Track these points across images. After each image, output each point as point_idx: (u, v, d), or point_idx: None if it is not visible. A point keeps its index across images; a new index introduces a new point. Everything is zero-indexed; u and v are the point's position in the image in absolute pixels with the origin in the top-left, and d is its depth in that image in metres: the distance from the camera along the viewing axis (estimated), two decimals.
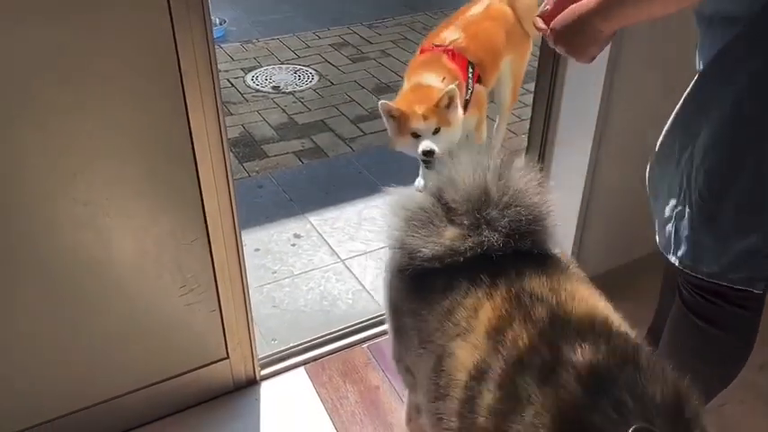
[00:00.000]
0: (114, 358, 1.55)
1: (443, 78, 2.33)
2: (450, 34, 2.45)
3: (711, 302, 1.22)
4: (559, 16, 1.08)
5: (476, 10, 2.60)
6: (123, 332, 1.53)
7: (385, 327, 1.93)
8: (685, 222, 1.12)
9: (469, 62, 2.43)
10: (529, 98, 2.72)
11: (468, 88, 2.43)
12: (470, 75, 2.44)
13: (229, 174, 1.46)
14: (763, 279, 1.09)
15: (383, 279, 1.36)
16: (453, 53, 2.39)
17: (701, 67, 1.10)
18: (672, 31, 1.48)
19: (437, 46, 2.42)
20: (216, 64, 1.34)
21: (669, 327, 1.38)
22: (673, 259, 1.17)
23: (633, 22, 1.02)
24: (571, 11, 1.06)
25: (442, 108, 2.25)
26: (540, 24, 1.10)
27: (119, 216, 1.38)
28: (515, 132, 3.01)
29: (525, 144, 2.04)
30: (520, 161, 1.24)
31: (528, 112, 2.81)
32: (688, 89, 1.11)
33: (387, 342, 1.90)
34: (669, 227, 1.17)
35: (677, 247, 1.15)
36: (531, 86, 2.60)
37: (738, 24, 0.99)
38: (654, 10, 0.97)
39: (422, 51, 2.47)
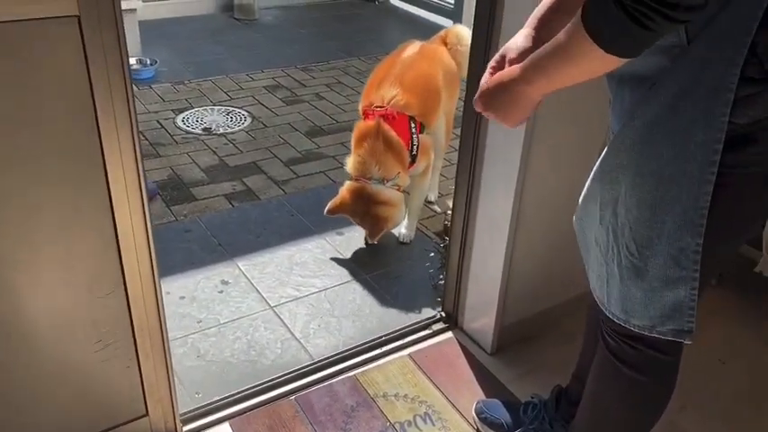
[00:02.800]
0: (25, 418, 1.45)
1: (383, 179, 2.42)
2: (387, 91, 2.46)
3: (635, 349, 1.25)
4: (485, 84, 1.13)
5: (409, 53, 2.64)
6: (34, 391, 1.43)
7: (314, 377, 1.90)
8: (615, 277, 1.13)
9: (410, 118, 2.45)
10: (457, 143, 2.77)
11: (413, 143, 2.46)
12: (413, 130, 2.46)
13: (148, 223, 1.41)
14: (690, 331, 1.10)
15: None
16: (393, 116, 2.41)
17: (615, 126, 1.14)
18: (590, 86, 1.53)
19: (377, 107, 2.43)
20: (134, 109, 1.30)
21: (594, 375, 1.39)
22: (608, 313, 1.18)
23: (558, 87, 1.03)
24: (497, 78, 1.10)
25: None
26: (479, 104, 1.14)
27: (28, 271, 1.31)
28: (446, 176, 3.05)
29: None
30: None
31: (456, 156, 2.88)
32: (606, 149, 1.14)
33: (315, 393, 1.86)
34: (602, 281, 1.18)
35: (609, 302, 1.17)
36: (458, 131, 2.67)
37: (647, 83, 1.03)
38: (575, 75, 0.99)
39: (364, 115, 2.48)
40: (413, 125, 2.46)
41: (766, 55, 0.93)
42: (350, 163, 2.46)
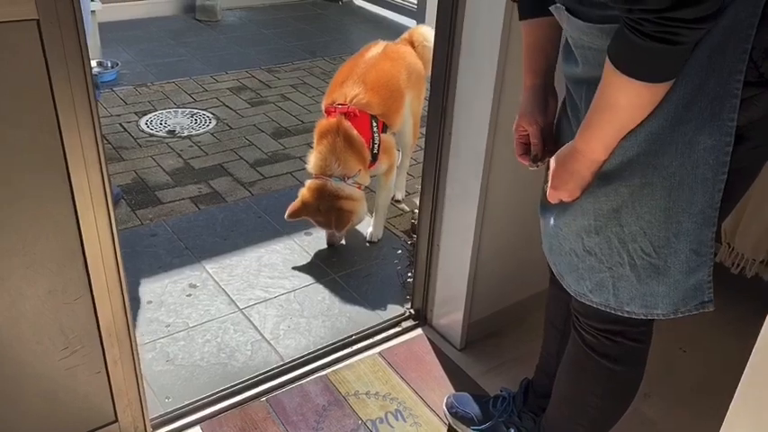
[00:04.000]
0: None
1: (343, 177, 2.42)
2: (350, 90, 2.47)
3: (614, 341, 1.29)
4: (551, 176, 1.16)
5: (373, 53, 2.66)
6: (0, 400, 1.41)
7: (285, 378, 1.90)
8: (629, 278, 1.15)
9: (372, 117, 2.47)
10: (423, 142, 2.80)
11: (374, 142, 2.47)
12: (374, 129, 2.48)
13: (114, 228, 1.39)
14: (711, 300, 1.14)
15: None
16: (354, 114, 2.42)
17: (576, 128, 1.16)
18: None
19: (340, 105, 2.44)
20: (97, 113, 1.29)
21: (567, 369, 1.43)
22: (620, 313, 1.20)
23: (619, 138, 1.06)
24: (559, 165, 1.14)
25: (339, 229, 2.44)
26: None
27: None
28: (413, 175, 3.07)
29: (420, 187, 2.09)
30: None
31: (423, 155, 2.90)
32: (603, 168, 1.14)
33: (286, 394, 1.86)
34: (602, 286, 1.19)
35: (619, 302, 1.18)
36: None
37: None
38: (630, 119, 1.02)
39: (327, 112, 2.49)
40: (374, 124, 2.48)
41: (761, 59, 0.97)
42: (311, 161, 2.47)
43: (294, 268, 2.46)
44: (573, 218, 1.18)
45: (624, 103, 1.01)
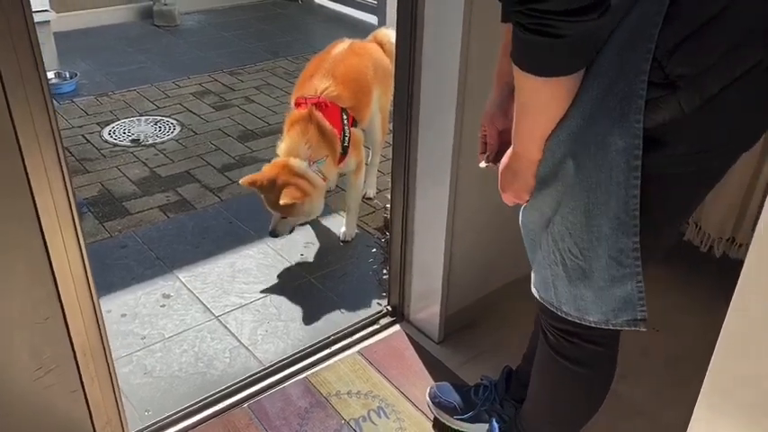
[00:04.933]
0: None
1: (308, 159, 2.37)
2: (319, 83, 2.46)
3: (572, 343, 1.29)
4: (501, 179, 1.20)
5: (340, 49, 2.65)
6: None
7: (266, 383, 1.89)
8: (563, 279, 1.16)
9: (342, 109, 2.46)
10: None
11: (344, 134, 2.46)
12: (345, 121, 2.47)
13: (81, 242, 1.37)
14: (644, 319, 1.14)
15: None
16: (325, 104, 2.41)
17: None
18: None
19: (310, 98, 2.43)
20: (57, 125, 1.26)
21: (536, 368, 1.45)
22: (560, 313, 1.21)
23: (543, 132, 1.07)
24: (503, 164, 1.18)
25: (285, 207, 2.29)
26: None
27: None
28: (383, 172, 3.07)
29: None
30: None
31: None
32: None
33: (268, 399, 1.85)
34: (546, 284, 1.21)
35: (559, 302, 1.20)
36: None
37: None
38: (543, 113, 1.04)
39: (296, 104, 2.47)
40: (345, 117, 2.47)
41: (666, 59, 0.95)
42: (280, 147, 2.44)
43: (269, 272, 2.45)
44: (528, 212, 1.21)
45: (529, 100, 1.02)
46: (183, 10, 5.37)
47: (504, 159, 1.18)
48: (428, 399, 1.82)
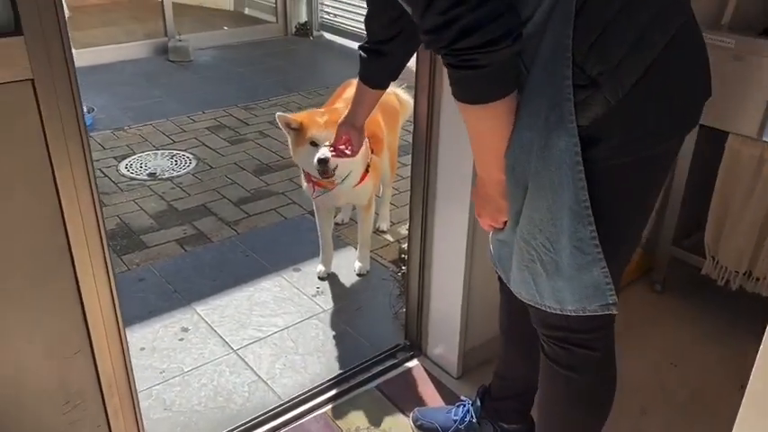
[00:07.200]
0: None
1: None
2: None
3: (566, 349, 1.34)
4: (476, 206, 1.32)
5: (350, 94, 2.69)
6: None
7: (285, 418, 1.89)
8: (542, 274, 1.23)
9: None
10: (403, 171, 2.84)
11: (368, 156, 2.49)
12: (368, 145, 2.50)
13: (111, 278, 1.39)
14: (615, 303, 1.22)
15: None
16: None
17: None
18: None
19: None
20: (92, 165, 1.29)
21: (540, 383, 1.48)
22: (544, 308, 1.27)
23: (496, 152, 1.17)
24: (482, 199, 1.28)
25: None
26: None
27: None
28: (395, 205, 3.10)
29: (407, 216, 2.11)
30: None
31: (404, 184, 2.93)
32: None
33: None
34: (527, 283, 1.28)
35: (542, 297, 1.27)
36: (404, 159, 2.73)
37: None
38: (491, 136, 1.15)
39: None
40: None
41: (584, 61, 1.04)
42: None
43: (285, 305, 2.46)
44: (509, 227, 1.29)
45: (476, 127, 1.15)
46: (196, 46, 5.48)
47: (475, 188, 1.29)
48: (410, 422, 1.86)
